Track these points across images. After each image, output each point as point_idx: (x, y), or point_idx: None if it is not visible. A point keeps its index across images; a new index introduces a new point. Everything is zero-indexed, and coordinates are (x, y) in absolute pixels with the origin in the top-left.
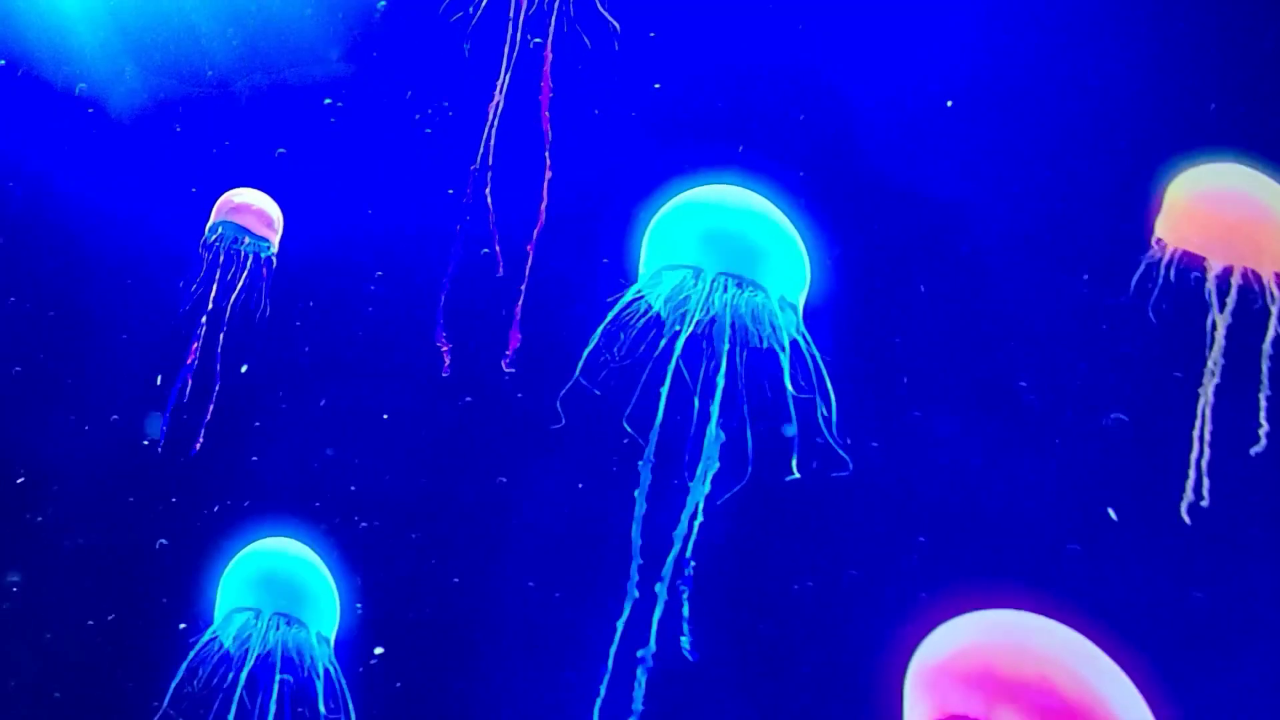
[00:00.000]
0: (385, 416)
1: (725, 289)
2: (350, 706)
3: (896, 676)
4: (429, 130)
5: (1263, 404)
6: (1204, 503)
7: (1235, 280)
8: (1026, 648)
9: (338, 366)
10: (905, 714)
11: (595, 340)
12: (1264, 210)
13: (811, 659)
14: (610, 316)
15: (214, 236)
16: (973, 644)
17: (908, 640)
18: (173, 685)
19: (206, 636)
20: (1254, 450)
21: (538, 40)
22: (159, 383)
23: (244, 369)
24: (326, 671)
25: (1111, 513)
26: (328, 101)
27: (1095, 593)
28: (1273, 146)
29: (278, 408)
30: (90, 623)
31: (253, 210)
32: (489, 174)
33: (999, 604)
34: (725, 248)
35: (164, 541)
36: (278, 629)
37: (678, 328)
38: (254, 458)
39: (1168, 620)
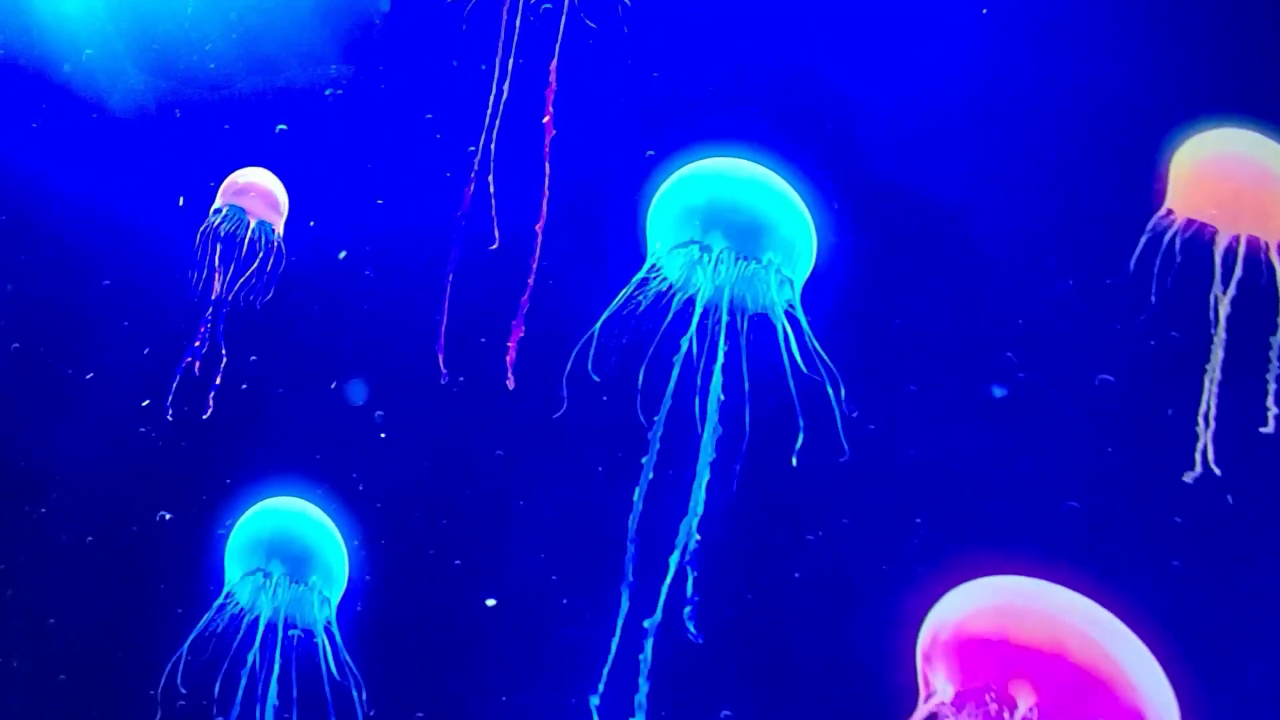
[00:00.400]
0: (388, 401)
1: (732, 261)
2: (353, 668)
3: (908, 648)
4: (430, 115)
5: (1271, 386)
6: (1217, 471)
7: (1241, 251)
8: (1039, 612)
9: (339, 350)
10: (922, 685)
11: (606, 317)
12: (1272, 175)
13: (819, 633)
14: (623, 295)
15: (218, 219)
16: (985, 612)
17: (916, 612)
18: (186, 644)
19: (219, 600)
20: (1263, 430)
21: (547, 5)
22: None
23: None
24: (330, 634)
25: None
26: (329, 93)
27: (1098, 565)
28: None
29: (277, 391)
30: (94, 603)
31: (257, 190)
32: (491, 161)
33: (1006, 571)
34: (732, 220)
35: (166, 515)
36: (285, 589)
37: (689, 297)
38: (257, 438)
39: (1171, 588)
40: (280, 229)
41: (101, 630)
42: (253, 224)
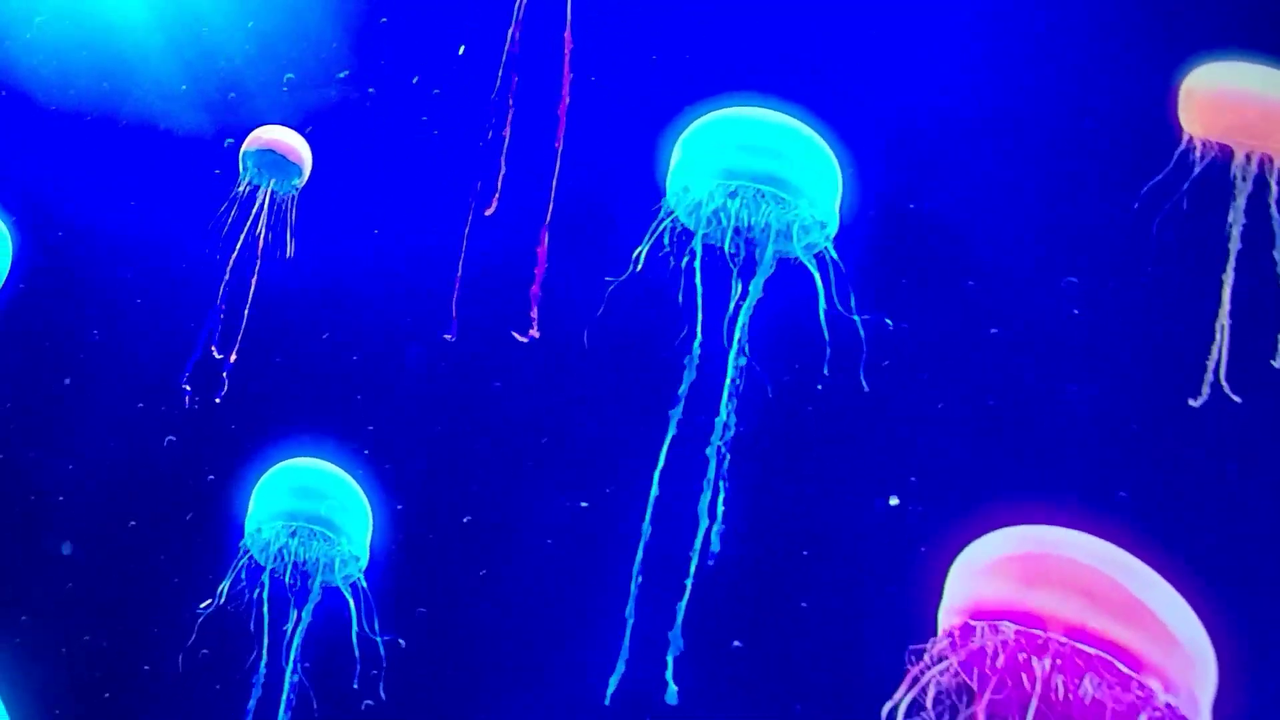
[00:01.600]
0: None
1: (756, 204)
2: (374, 624)
3: (922, 592)
4: (436, 91)
5: None
6: (1236, 398)
7: (1251, 171)
8: (1065, 557)
9: (355, 321)
10: (942, 628)
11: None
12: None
13: (831, 576)
14: (648, 243)
15: (245, 181)
16: (1011, 558)
17: (929, 554)
18: (221, 590)
19: (242, 561)
20: (1274, 363)
21: None
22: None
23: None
24: (356, 585)
25: None
26: (341, 75)
27: (1117, 512)
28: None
29: (287, 367)
30: (116, 566)
31: (279, 149)
32: (506, 132)
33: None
34: (756, 160)
35: (172, 438)
36: (311, 542)
37: (715, 242)
38: (270, 412)
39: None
40: (302, 181)
41: (126, 590)
42: (272, 182)
